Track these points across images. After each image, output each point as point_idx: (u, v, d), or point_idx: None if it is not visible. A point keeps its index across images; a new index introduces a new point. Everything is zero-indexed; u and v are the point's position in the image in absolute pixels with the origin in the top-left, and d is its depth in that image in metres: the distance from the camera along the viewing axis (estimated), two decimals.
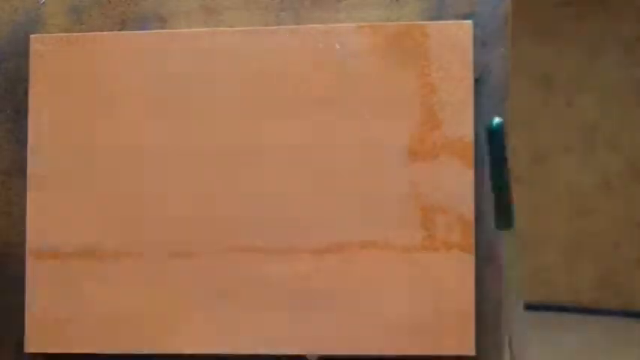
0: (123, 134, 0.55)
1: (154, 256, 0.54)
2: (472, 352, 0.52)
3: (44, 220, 0.55)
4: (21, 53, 0.57)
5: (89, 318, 0.54)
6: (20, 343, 0.56)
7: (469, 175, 0.53)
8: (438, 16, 0.54)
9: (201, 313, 0.53)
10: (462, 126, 0.53)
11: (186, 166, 0.54)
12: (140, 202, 0.55)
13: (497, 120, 0.51)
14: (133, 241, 0.54)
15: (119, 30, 0.57)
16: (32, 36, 0.56)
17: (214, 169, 0.54)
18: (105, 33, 0.56)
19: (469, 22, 0.53)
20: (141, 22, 0.57)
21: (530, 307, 0.64)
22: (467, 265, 0.52)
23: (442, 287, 0.52)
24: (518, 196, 3.70)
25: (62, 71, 0.56)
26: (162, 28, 0.56)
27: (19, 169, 0.56)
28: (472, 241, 0.52)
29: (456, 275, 0.52)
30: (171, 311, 0.54)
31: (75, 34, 0.56)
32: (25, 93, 0.56)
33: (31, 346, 0.55)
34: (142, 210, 0.55)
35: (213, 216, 0.54)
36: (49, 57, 0.56)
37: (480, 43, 0.54)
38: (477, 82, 0.54)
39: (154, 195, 0.54)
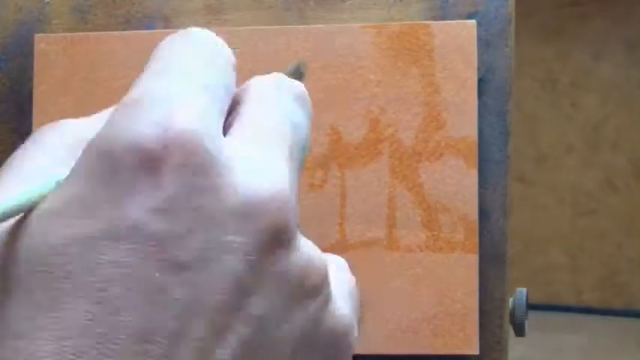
0: None
1: None
2: (475, 352, 0.52)
3: None
4: (25, 53, 0.57)
5: None
6: None
7: (473, 175, 0.53)
8: (442, 16, 0.54)
9: None
10: (465, 126, 0.53)
11: None
12: None
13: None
14: None
15: (123, 29, 0.57)
16: (36, 35, 0.56)
17: None
18: (109, 32, 0.56)
19: (473, 22, 0.53)
20: (145, 22, 0.57)
21: (533, 306, 0.63)
22: (470, 264, 0.52)
23: (445, 287, 0.53)
24: (522, 195, 3.70)
25: (66, 70, 0.56)
26: (166, 27, 0.56)
27: None
28: (476, 240, 0.52)
29: (459, 275, 0.52)
30: None
31: (79, 33, 0.56)
32: (30, 92, 0.56)
33: None
34: None
35: None
36: (54, 56, 0.56)
37: (484, 43, 0.54)
38: (481, 81, 0.54)
39: None
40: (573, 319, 3.56)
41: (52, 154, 0.30)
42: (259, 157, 0.27)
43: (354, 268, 0.54)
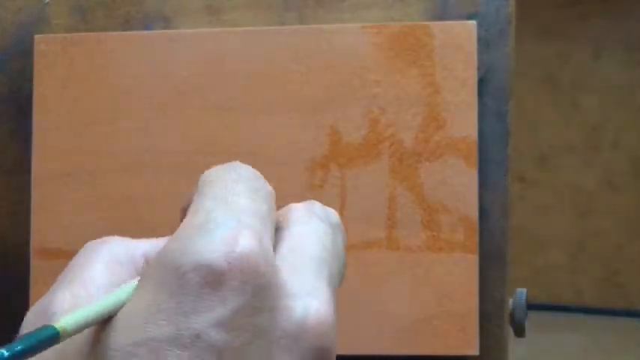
0: (127, 134, 0.55)
1: None
2: (475, 352, 0.52)
3: (49, 220, 0.55)
4: (25, 53, 0.57)
5: None
6: None
7: (473, 175, 0.53)
8: (442, 16, 0.54)
9: None
10: (465, 126, 0.53)
11: (190, 166, 0.54)
12: (145, 202, 0.55)
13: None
14: None
15: (123, 30, 0.57)
16: (36, 36, 0.56)
17: None
18: (109, 33, 0.56)
19: (473, 22, 0.53)
20: (145, 22, 0.57)
21: (532, 307, 0.63)
22: (470, 265, 0.52)
23: (445, 287, 0.52)
24: (522, 195, 3.70)
25: (66, 71, 0.56)
26: (166, 27, 0.56)
27: (23, 169, 0.57)
28: (476, 241, 0.52)
29: (459, 275, 0.52)
30: None
31: (79, 33, 0.56)
32: (29, 92, 0.56)
33: None
34: (146, 210, 0.55)
35: None
36: (53, 57, 0.56)
37: (484, 43, 0.54)
38: (481, 82, 0.53)
39: (159, 195, 0.55)
40: (573, 319, 3.56)
41: (105, 266, 0.33)
42: (306, 283, 0.30)
43: (354, 268, 0.54)
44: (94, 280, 0.32)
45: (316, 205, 0.35)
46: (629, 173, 3.65)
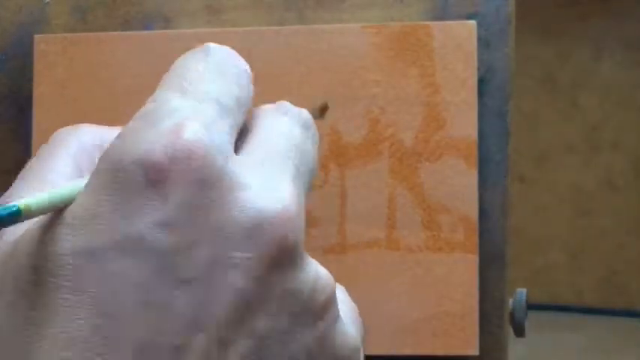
0: None
1: None
2: (475, 352, 0.52)
3: None
4: (25, 53, 0.57)
5: None
6: None
7: (473, 175, 0.53)
8: (442, 16, 0.54)
9: None
10: (465, 126, 0.53)
11: None
12: None
13: None
14: None
15: (123, 29, 0.57)
16: (36, 36, 0.56)
17: None
18: (109, 33, 0.56)
19: (473, 22, 0.53)
20: (145, 22, 0.57)
21: (532, 306, 0.63)
22: (470, 265, 0.52)
23: (445, 287, 0.52)
24: (522, 195, 3.70)
25: (66, 71, 0.56)
26: (166, 27, 0.56)
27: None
28: (476, 241, 0.52)
29: (459, 275, 0.52)
30: None
31: (79, 34, 0.56)
32: (29, 93, 0.56)
33: None
34: None
35: None
36: (53, 57, 0.56)
37: (484, 43, 0.54)
38: (481, 82, 0.54)
39: None
40: (573, 319, 3.56)
41: (70, 158, 0.30)
42: (266, 175, 0.27)
43: (354, 268, 0.54)
44: (57, 172, 0.29)
45: (287, 104, 0.32)
46: (629, 173, 3.65)
